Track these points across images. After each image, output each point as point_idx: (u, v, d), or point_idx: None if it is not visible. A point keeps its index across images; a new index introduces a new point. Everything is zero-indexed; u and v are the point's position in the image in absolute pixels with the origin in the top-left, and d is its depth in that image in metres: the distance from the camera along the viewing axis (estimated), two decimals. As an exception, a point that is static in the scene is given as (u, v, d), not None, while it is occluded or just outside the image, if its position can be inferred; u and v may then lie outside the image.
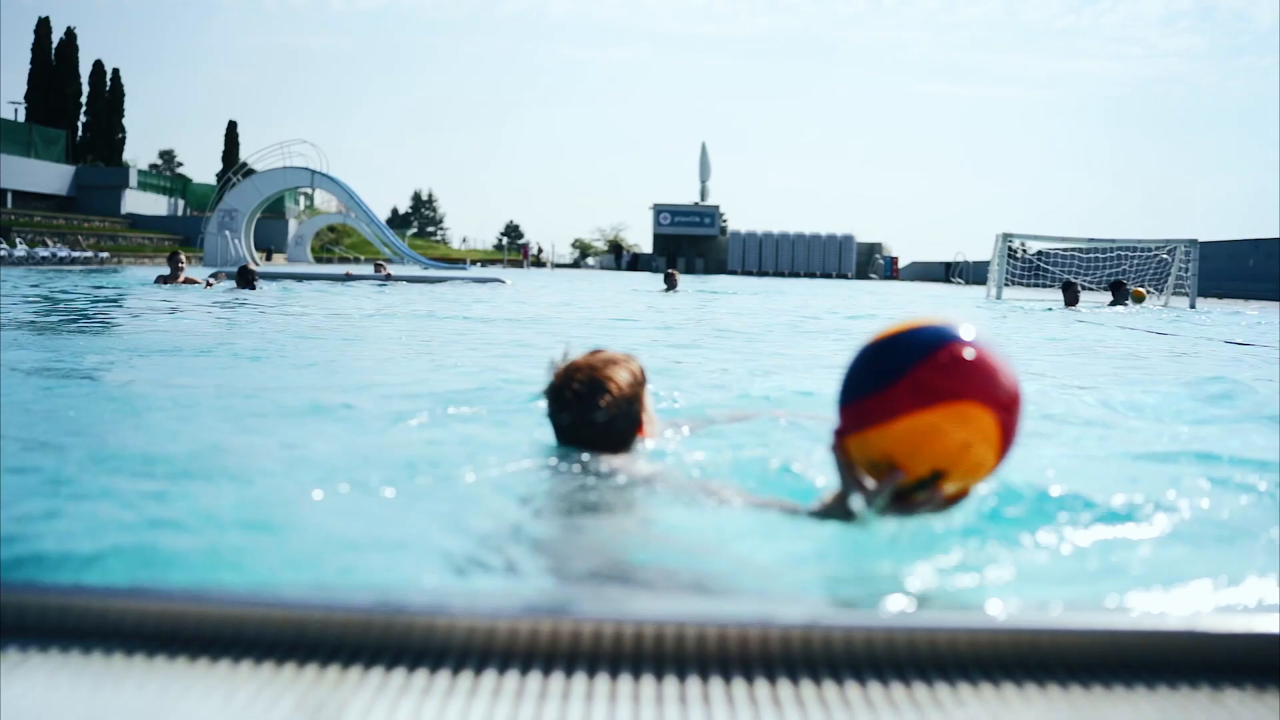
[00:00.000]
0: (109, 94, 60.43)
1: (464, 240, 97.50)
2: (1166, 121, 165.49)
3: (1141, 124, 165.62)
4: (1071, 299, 17.60)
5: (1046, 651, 1.38)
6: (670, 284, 20.42)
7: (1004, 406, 1.86)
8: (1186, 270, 23.29)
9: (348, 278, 23.20)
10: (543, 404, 2.69)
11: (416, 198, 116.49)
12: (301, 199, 63.02)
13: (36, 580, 1.85)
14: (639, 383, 2.68)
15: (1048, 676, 1.34)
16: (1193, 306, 21.46)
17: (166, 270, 16.21)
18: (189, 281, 15.59)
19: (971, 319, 1.94)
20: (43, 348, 6.43)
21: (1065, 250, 27.69)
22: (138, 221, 51.87)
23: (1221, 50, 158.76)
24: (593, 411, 2.58)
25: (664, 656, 1.36)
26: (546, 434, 2.78)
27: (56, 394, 4.33)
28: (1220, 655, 1.39)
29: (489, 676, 1.30)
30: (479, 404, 3.77)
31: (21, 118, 54.40)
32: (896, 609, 1.65)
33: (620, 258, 64.48)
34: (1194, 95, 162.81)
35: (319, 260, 54.71)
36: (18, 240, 35.61)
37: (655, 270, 47.68)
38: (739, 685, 1.30)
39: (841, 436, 1.94)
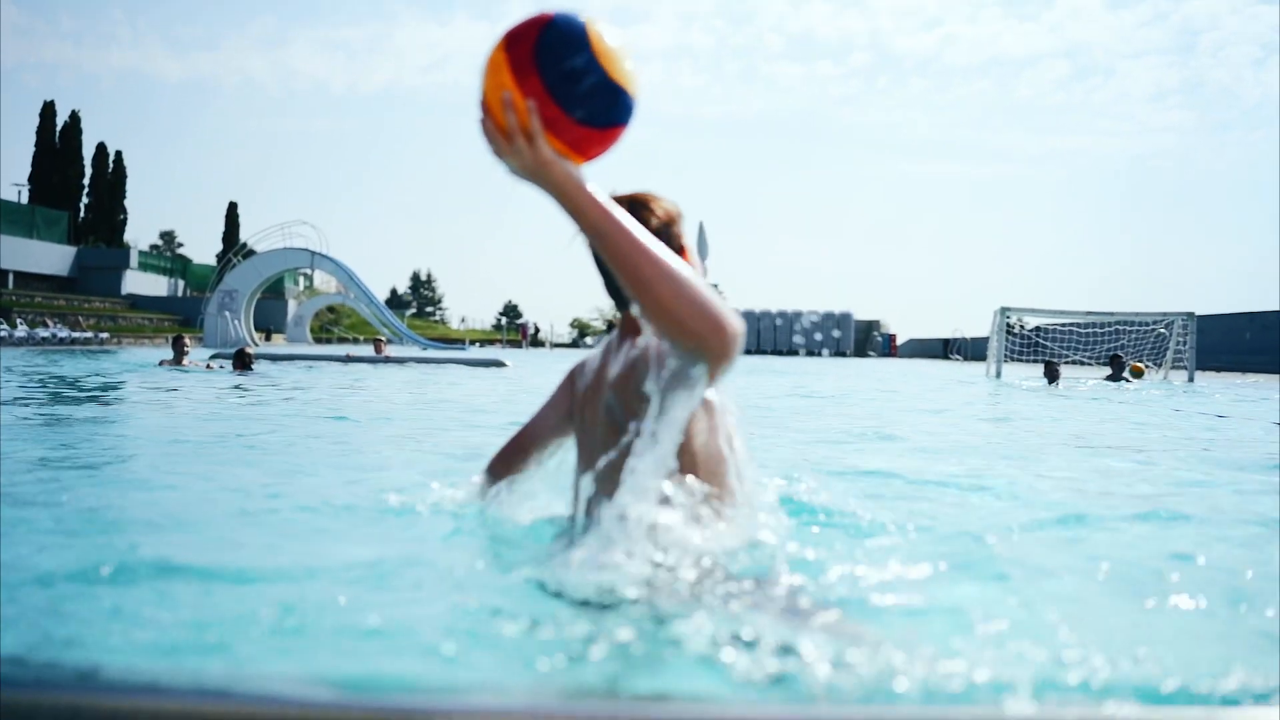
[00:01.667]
0: (111, 176, 61.12)
1: (463, 320, 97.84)
2: (1159, 195, 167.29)
3: (1135, 198, 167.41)
4: (1052, 377, 18.46)
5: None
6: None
7: (509, 37, 2.22)
8: (1184, 343, 23.36)
9: (348, 359, 23.21)
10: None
11: (415, 278, 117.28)
12: (301, 279, 63.44)
13: (36, 677, 1.81)
14: (678, 214, 2.71)
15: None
16: (1191, 380, 21.49)
17: (170, 354, 16.29)
18: (191, 364, 15.73)
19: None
20: (54, 433, 6.41)
21: (1063, 325, 27.81)
22: (138, 302, 52.13)
23: (1210, 125, 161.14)
24: (643, 225, 2.50)
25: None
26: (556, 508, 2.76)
27: (62, 481, 4.29)
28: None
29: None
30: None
31: (25, 199, 54.96)
32: (904, 701, 1.62)
33: (618, 336, 64.52)
34: (1185, 170, 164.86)
35: (318, 340, 54.86)
36: (19, 321, 35.75)
37: (654, 348, 47.69)
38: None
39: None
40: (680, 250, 2.64)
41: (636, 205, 2.63)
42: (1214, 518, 3.80)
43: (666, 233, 2.62)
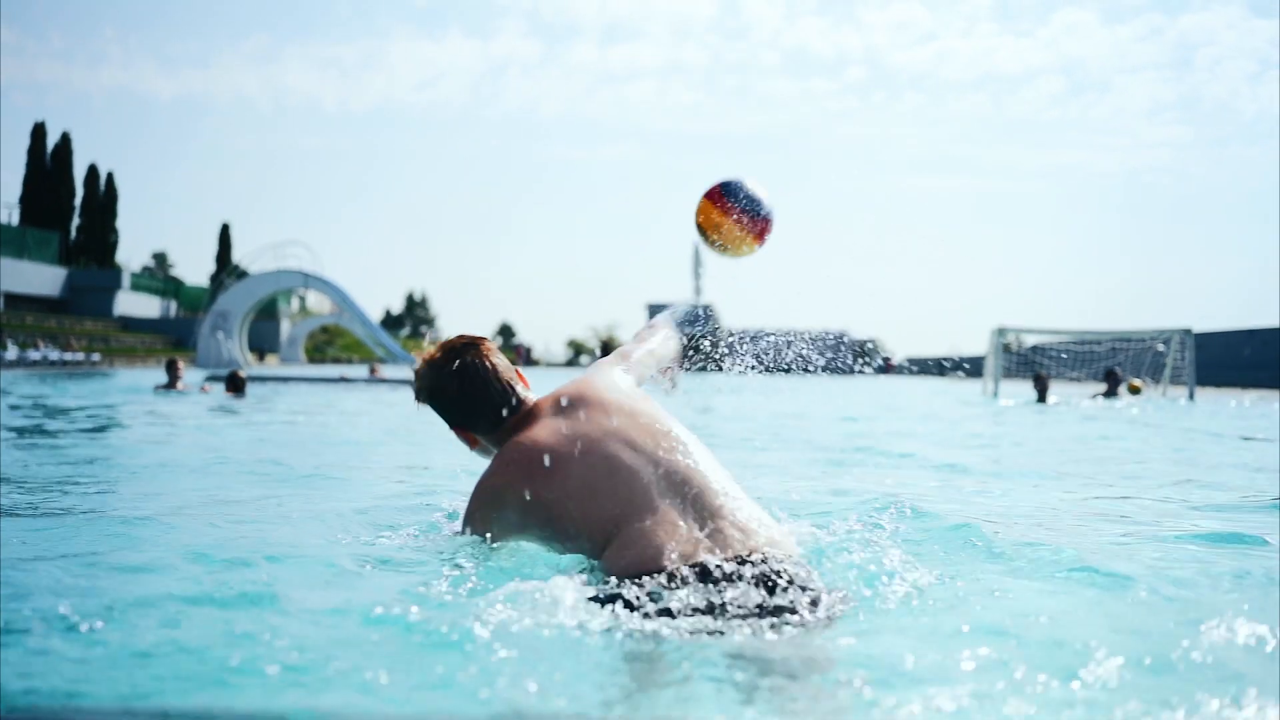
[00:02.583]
0: (103, 197, 60.89)
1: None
2: (1157, 210, 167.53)
3: (1132, 213, 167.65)
4: (1041, 390, 18.36)
5: None
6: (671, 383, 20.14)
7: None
8: (1182, 359, 23.24)
9: (342, 380, 23.07)
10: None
11: (410, 299, 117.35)
12: (295, 300, 63.31)
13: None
14: None
15: None
16: (1191, 398, 21.33)
17: (164, 379, 16.16)
18: (186, 387, 15.62)
19: None
20: (38, 459, 6.26)
21: (1060, 344, 27.74)
22: (130, 324, 51.97)
23: (1207, 140, 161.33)
24: (482, 360, 2.95)
25: None
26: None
27: (41, 508, 4.14)
28: None
29: None
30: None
31: (15, 220, 54.74)
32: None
33: (612, 355, 64.61)
34: (1182, 184, 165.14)
35: (312, 361, 54.75)
36: (9, 343, 35.52)
37: (650, 367, 47.69)
38: None
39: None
40: (511, 363, 3.10)
41: (471, 339, 3.03)
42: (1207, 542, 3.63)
43: (502, 358, 3.03)
